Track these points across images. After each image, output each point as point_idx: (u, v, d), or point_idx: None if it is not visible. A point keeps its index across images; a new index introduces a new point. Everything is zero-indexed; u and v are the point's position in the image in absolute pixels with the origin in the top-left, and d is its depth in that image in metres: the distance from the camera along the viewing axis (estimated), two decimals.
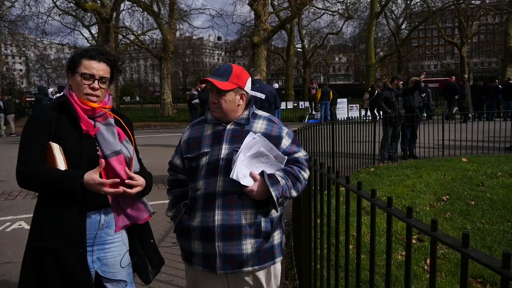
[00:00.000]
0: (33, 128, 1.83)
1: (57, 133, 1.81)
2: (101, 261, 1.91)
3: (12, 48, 38.37)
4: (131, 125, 2.12)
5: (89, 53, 1.89)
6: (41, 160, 1.79)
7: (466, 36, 32.86)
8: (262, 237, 1.89)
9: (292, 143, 1.98)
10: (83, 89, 1.86)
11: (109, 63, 1.92)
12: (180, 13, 27.29)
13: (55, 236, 1.78)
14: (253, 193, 1.81)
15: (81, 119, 1.84)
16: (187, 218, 1.95)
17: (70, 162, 1.80)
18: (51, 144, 1.79)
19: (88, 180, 1.73)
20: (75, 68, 1.87)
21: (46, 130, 1.81)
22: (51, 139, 1.81)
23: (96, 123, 1.89)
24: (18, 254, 4.04)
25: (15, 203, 6.09)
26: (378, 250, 3.40)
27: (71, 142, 1.82)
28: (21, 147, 1.83)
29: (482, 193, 5.55)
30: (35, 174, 1.76)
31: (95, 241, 1.88)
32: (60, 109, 1.86)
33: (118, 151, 1.87)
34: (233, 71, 1.93)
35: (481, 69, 70.26)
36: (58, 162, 1.77)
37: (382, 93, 9.01)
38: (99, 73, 1.87)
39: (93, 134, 1.86)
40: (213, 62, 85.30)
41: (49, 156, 1.79)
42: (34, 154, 1.79)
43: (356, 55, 60.38)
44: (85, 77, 1.85)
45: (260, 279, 1.96)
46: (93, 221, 1.86)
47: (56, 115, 1.84)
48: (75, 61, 1.88)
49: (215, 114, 1.96)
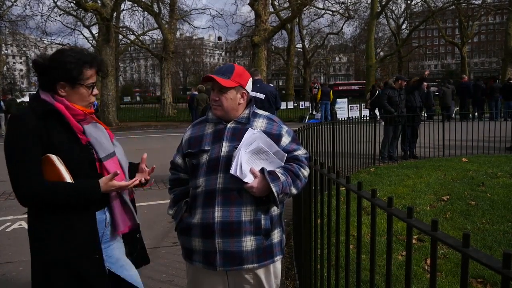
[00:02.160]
0: (25, 139, 1.67)
1: (51, 143, 1.71)
2: (112, 258, 1.93)
3: (12, 48, 38.40)
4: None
5: (89, 62, 1.81)
6: (41, 174, 1.68)
7: (467, 36, 32.83)
8: (262, 235, 1.89)
9: (292, 141, 2.00)
10: (89, 99, 1.83)
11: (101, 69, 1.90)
12: (180, 13, 27.31)
13: (65, 246, 1.71)
14: (253, 189, 1.82)
15: (73, 126, 1.78)
16: (188, 216, 1.96)
17: (72, 171, 1.74)
18: (50, 157, 1.69)
19: (109, 187, 1.77)
20: (76, 80, 1.77)
21: (39, 141, 1.69)
22: (45, 150, 1.70)
23: (84, 126, 1.83)
24: (18, 254, 4.05)
25: (15, 203, 6.06)
26: (378, 250, 3.40)
27: (68, 151, 1.74)
28: (17, 161, 1.66)
29: (483, 193, 5.55)
30: (53, 192, 1.67)
31: (103, 239, 1.89)
32: (47, 117, 1.73)
33: (112, 153, 1.88)
34: (235, 69, 1.96)
35: (482, 69, 70.26)
36: (64, 174, 1.70)
37: (385, 92, 8.93)
38: (94, 79, 1.86)
39: (84, 142, 1.81)
40: (213, 62, 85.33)
41: (50, 169, 1.69)
42: (35, 168, 1.67)
43: (357, 55, 60.29)
44: (88, 87, 1.83)
45: (260, 277, 1.96)
46: (100, 220, 1.86)
47: (44, 124, 1.72)
48: (75, 72, 1.76)
49: (216, 112, 1.98)
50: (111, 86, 20.28)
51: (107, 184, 1.76)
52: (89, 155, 1.81)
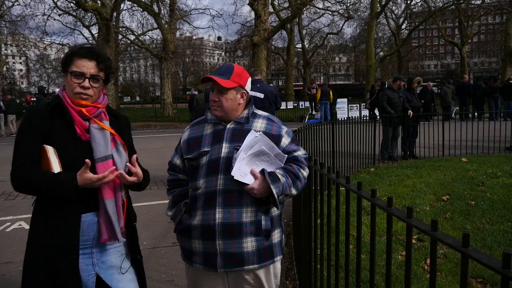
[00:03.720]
0: (27, 130, 1.80)
1: (51, 136, 1.78)
2: (105, 263, 1.88)
3: (12, 48, 38.38)
4: (128, 125, 2.09)
5: (80, 51, 1.84)
6: (35, 163, 1.76)
7: (467, 36, 32.83)
8: (262, 235, 1.89)
9: (292, 142, 2.00)
10: (73, 88, 1.81)
11: (100, 61, 1.85)
12: (180, 13, 27.28)
13: (48, 244, 1.76)
14: (254, 191, 1.82)
15: (75, 121, 1.80)
16: (188, 217, 1.95)
17: (65, 165, 1.77)
18: (45, 147, 1.76)
19: (83, 179, 1.72)
20: (67, 67, 1.83)
21: (39, 132, 1.78)
22: (45, 141, 1.77)
23: (91, 125, 1.84)
24: (18, 254, 4.05)
25: (15, 203, 6.10)
26: (378, 250, 3.40)
27: (65, 145, 1.78)
28: (15, 150, 1.80)
29: (482, 193, 5.55)
30: (29, 179, 1.74)
31: (94, 243, 1.85)
32: (55, 111, 1.82)
33: (106, 157, 1.82)
34: (234, 70, 1.95)
35: (481, 69, 70.23)
36: (53, 165, 1.74)
37: (385, 94, 8.90)
38: (89, 71, 1.81)
39: (84, 139, 1.81)
40: (213, 62, 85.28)
41: (44, 159, 1.76)
42: (29, 157, 1.76)
43: (356, 55, 60.29)
44: (75, 75, 1.80)
45: (260, 278, 1.96)
46: (90, 222, 1.83)
47: (50, 117, 1.81)
48: (67, 60, 1.84)
49: (216, 113, 1.97)
50: (111, 86, 20.26)
51: (82, 176, 1.71)
52: (86, 152, 1.79)
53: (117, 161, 1.86)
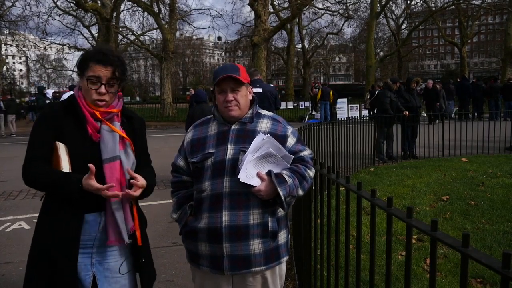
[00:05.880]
0: (41, 126, 1.84)
1: (63, 133, 1.81)
2: (102, 265, 1.87)
3: (12, 48, 38.35)
4: (143, 126, 2.10)
5: (97, 56, 1.83)
6: (46, 158, 1.80)
7: (466, 36, 32.84)
8: (269, 237, 1.88)
9: (297, 142, 1.98)
10: (91, 94, 1.82)
11: (116, 66, 1.84)
12: (180, 14, 27.27)
13: (50, 239, 1.79)
14: (261, 193, 1.81)
15: (87, 122, 1.83)
16: (193, 220, 1.92)
17: (74, 163, 1.78)
18: (57, 144, 1.79)
19: (87, 185, 1.72)
20: (83, 71, 1.84)
21: (53, 129, 1.81)
22: (57, 138, 1.80)
23: (102, 126, 1.85)
24: (18, 254, 4.05)
25: (15, 203, 6.09)
26: (378, 250, 3.40)
27: (76, 144, 1.81)
28: (29, 144, 1.84)
29: (482, 193, 5.55)
30: (36, 174, 1.78)
31: (95, 243, 1.85)
32: (69, 109, 1.86)
33: (113, 158, 1.82)
34: (239, 67, 1.95)
35: (481, 69, 70.21)
36: (62, 162, 1.76)
37: (388, 95, 8.86)
38: (106, 77, 1.81)
39: (95, 139, 1.83)
40: (213, 62, 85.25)
41: (55, 156, 1.79)
42: (40, 152, 1.80)
43: (356, 55, 60.26)
44: (92, 82, 1.81)
45: (267, 279, 1.94)
46: (93, 223, 1.83)
47: (65, 115, 1.85)
48: (83, 64, 1.85)
49: (232, 113, 1.91)
50: None
51: (86, 181, 1.72)
52: (96, 153, 1.81)
53: (124, 162, 1.86)
